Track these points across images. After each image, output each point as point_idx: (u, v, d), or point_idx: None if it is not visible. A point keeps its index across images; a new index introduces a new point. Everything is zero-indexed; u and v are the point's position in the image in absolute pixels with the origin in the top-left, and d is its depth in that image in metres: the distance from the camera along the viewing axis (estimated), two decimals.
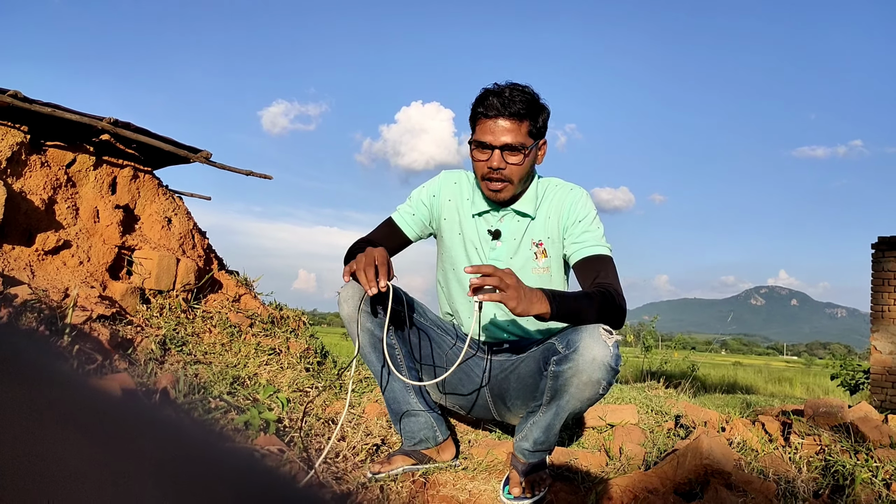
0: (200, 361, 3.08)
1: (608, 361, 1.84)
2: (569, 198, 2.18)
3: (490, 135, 2.02)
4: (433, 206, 2.28)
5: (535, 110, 2.05)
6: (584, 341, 1.84)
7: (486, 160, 2.05)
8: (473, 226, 2.22)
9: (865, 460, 2.27)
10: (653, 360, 12.91)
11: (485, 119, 2.04)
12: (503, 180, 2.07)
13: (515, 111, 2.01)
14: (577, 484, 2.17)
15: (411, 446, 2.22)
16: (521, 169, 2.07)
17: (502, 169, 2.04)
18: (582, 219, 2.14)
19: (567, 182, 2.25)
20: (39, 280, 3.06)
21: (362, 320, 2.10)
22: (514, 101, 2.01)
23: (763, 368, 28.13)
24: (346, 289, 2.11)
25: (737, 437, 2.50)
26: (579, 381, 1.86)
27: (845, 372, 11.77)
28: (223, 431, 0.71)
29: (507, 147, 2.02)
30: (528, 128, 2.04)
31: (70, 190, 3.52)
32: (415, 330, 2.25)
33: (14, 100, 3.13)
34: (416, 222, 2.29)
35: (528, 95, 2.04)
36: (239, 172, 4.43)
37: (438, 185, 2.30)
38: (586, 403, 1.94)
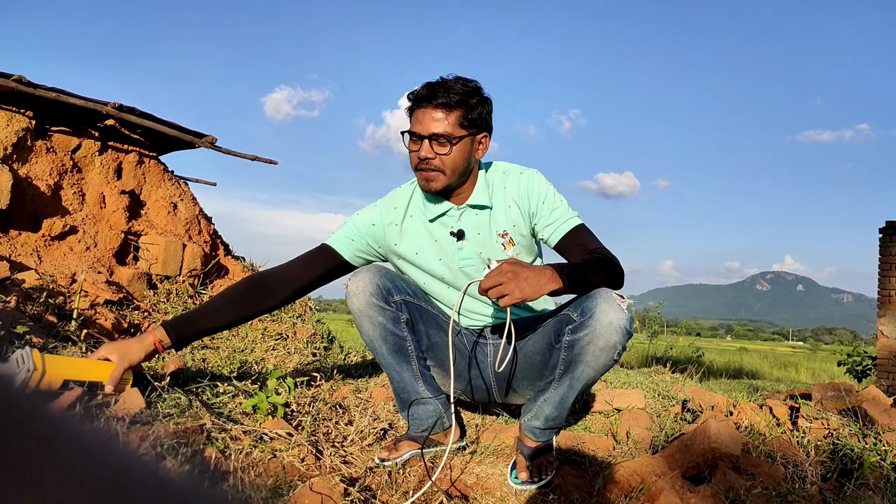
0: (208, 346, 3.09)
1: (624, 325, 1.85)
2: (522, 181, 2.15)
3: (419, 124, 2.01)
4: (375, 235, 2.22)
5: (465, 100, 2.01)
6: (601, 306, 1.85)
7: (416, 150, 2.04)
8: (430, 235, 2.17)
9: (874, 444, 2.26)
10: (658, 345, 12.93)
11: (416, 109, 2.03)
12: (433, 170, 2.03)
13: (444, 101, 1.98)
14: (585, 468, 2.17)
15: (418, 432, 2.23)
16: (453, 159, 2.03)
17: (431, 159, 2.01)
18: (544, 199, 2.12)
19: (514, 165, 2.22)
20: (46, 265, 3.06)
21: (373, 314, 2.09)
22: (445, 90, 1.98)
23: (769, 354, 28.13)
24: (354, 282, 2.11)
25: (744, 421, 2.50)
26: (596, 347, 1.87)
27: (852, 359, 11.75)
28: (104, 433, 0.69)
29: (434, 137, 2.00)
30: (458, 118, 2.00)
31: (76, 175, 3.52)
32: (423, 318, 2.25)
33: (19, 84, 3.12)
34: (354, 247, 2.22)
35: (464, 86, 2.01)
36: (244, 157, 4.42)
37: (377, 213, 2.24)
38: (601, 371, 1.95)
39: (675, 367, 5.38)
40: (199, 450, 1.78)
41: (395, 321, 2.12)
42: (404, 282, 2.21)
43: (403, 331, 2.15)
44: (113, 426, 1.72)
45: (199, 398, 2.13)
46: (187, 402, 2.03)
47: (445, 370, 2.32)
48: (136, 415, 1.84)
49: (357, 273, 2.14)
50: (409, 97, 2.06)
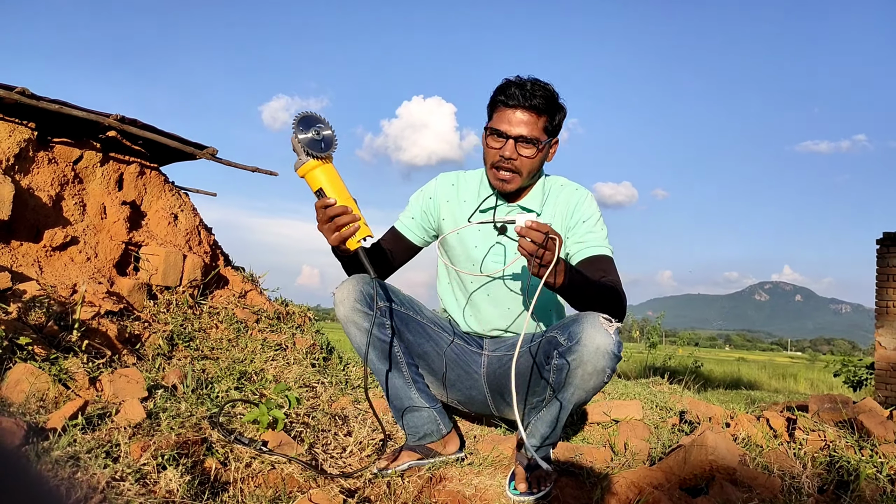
0: (208, 357, 3.10)
1: (611, 349, 1.85)
2: (574, 197, 2.20)
3: (507, 124, 2.03)
4: (430, 209, 2.30)
5: (554, 107, 2.07)
6: (587, 331, 1.85)
7: (498, 148, 2.06)
8: (476, 222, 2.23)
9: (870, 456, 2.27)
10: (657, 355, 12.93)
11: (504, 108, 2.05)
12: (512, 171, 2.08)
13: (535, 104, 2.01)
14: (583, 479, 2.18)
15: (416, 441, 2.24)
16: (532, 163, 2.08)
17: (514, 159, 2.05)
18: (586, 219, 2.16)
19: (572, 182, 2.27)
20: (47, 276, 3.08)
21: (358, 320, 2.11)
22: (535, 94, 2.01)
23: (767, 364, 28.11)
24: (341, 289, 2.13)
25: (741, 432, 2.51)
26: (584, 371, 1.88)
27: (847, 369, 11.74)
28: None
29: (522, 138, 2.03)
30: (544, 123, 2.05)
31: (77, 186, 3.54)
32: (411, 327, 2.26)
33: (22, 97, 3.14)
34: (417, 226, 2.31)
35: (549, 92, 2.05)
36: (245, 169, 4.44)
37: (434, 188, 2.31)
38: (591, 393, 1.96)
39: (673, 377, 5.39)
40: (199, 461, 1.80)
41: (380, 326, 2.15)
42: (392, 292, 2.24)
43: (389, 335, 2.17)
44: (114, 437, 1.74)
45: (200, 409, 2.14)
46: (188, 413, 2.04)
47: (438, 380, 2.33)
48: (138, 425, 1.85)
49: (344, 281, 2.16)
50: (499, 95, 2.07)
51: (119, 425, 1.83)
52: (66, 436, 1.69)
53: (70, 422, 1.78)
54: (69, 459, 1.59)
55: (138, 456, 1.67)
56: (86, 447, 1.65)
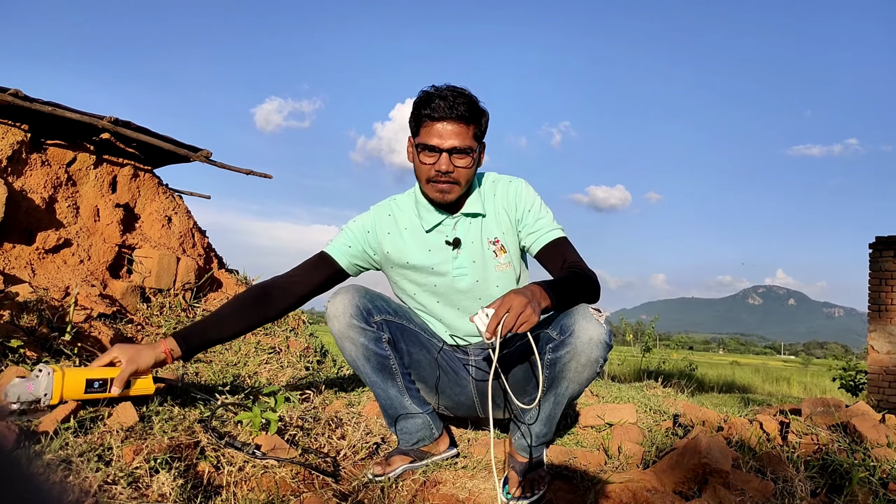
0: (201, 360, 3.09)
1: (604, 339, 1.87)
2: (511, 190, 2.19)
3: (437, 137, 2.00)
4: (370, 241, 2.24)
5: (478, 113, 2.05)
6: (579, 323, 1.87)
7: (432, 163, 2.03)
8: (425, 245, 2.19)
9: (863, 459, 2.28)
10: (651, 359, 12.95)
11: (431, 122, 2.01)
12: (451, 182, 2.06)
13: (461, 114, 1.99)
14: (576, 483, 2.18)
15: (409, 445, 2.24)
16: (469, 172, 2.07)
17: (450, 172, 2.03)
18: (530, 207, 2.17)
19: (502, 175, 2.26)
20: (40, 279, 3.07)
21: (354, 336, 2.10)
22: (463, 103, 1.99)
23: (760, 368, 28.18)
24: (333, 304, 2.11)
25: (735, 435, 2.52)
26: (578, 363, 1.89)
27: (847, 374, 11.76)
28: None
29: (455, 150, 2.01)
30: (473, 131, 2.04)
31: (70, 189, 3.53)
32: (406, 336, 2.25)
33: (15, 98, 3.13)
34: (352, 254, 2.24)
35: (471, 98, 2.03)
36: (239, 171, 4.43)
37: (372, 220, 2.26)
38: (584, 385, 1.97)
39: (668, 381, 5.40)
40: (192, 464, 1.79)
41: (376, 341, 2.12)
42: (384, 301, 2.22)
43: (386, 350, 2.15)
44: (106, 440, 1.73)
45: (192, 412, 2.13)
46: (181, 416, 2.03)
47: (429, 387, 2.33)
48: (130, 429, 1.84)
49: (336, 294, 2.13)
50: (422, 109, 2.03)
51: (111, 429, 1.83)
52: (58, 439, 1.68)
53: (62, 425, 1.77)
54: (61, 463, 1.58)
55: (131, 459, 1.66)
56: (78, 450, 1.64)
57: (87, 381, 1.89)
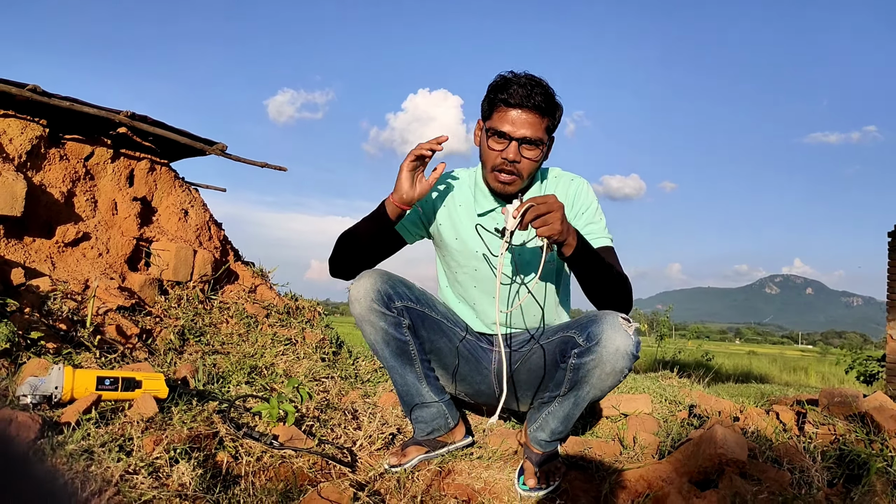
0: (218, 351, 3.12)
1: (630, 350, 1.85)
2: (571, 189, 2.16)
3: (510, 125, 1.95)
4: (426, 210, 2.22)
5: (554, 106, 2.00)
6: (606, 332, 1.84)
7: (500, 150, 1.98)
8: (474, 228, 2.17)
9: (881, 450, 2.27)
10: (666, 349, 12.90)
11: (506, 108, 1.96)
12: (514, 174, 2.01)
13: (538, 104, 1.94)
14: (592, 473, 2.19)
15: (424, 436, 2.24)
16: (534, 165, 2.02)
17: (517, 162, 1.98)
18: (585, 210, 2.13)
19: (566, 172, 2.22)
20: (60, 272, 3.11)
21: (374, 320, 2.09)
22: (537, 93, 1.94)
23: (778, 357, 27.98)
24: (356, 287, 2.10)
25: (751, 426, 2.51)
26: (602, 371, 1.87)
27: (859, 363, 11.66)
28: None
29: (526, 140, 1.96)
30: (547, 123, 1.99)
31: (88, 182, 3.56)
32: (426, 324, 2.25)
33: (33, 94, 3.17)
34: (410, 222, 2.23)
35: (549, 90, 1.98)
36: (254, 164, 4.46)
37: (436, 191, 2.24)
38: (606, 391, 1.96)
39: (683, 371, 5.38)
40: (211, 454, 1.81)
41: (396, 326, 2.11)
42: (407, 287, 2.21)
43: (406, 335, 2.14)
44: (127, 431, 1.76)
45: (211, 404, 2.16)
46: (200, 407, 2.06)
47: (450, 374, 2.33)
48: (150, 420, 1.87)
49: (359, 278, 2.12)
50: (499, 93, 1.97)
51: (132, 419, 1.86)
52: (80, 430, 1.71)
53: (84, 416, 1.80)
54: (83, 453, 1.61)
55: (151, 450, 1.68)
56: (99, 441, 1.67)
57: (98, 379, 1.93)
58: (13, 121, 3.25)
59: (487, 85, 2.05)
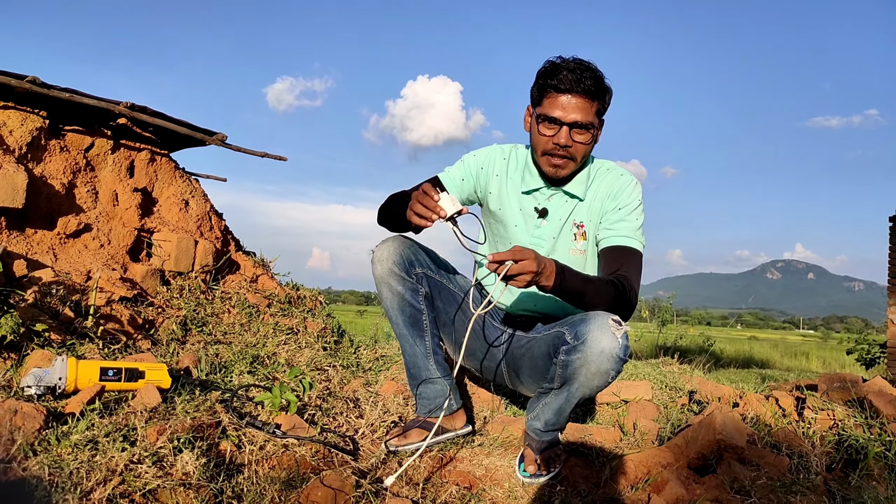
0: (220, 341, 3.14)
1: (617, 353, 1.83)
2: (617, 183, 2.14)
3: (560, 110, 1.98)
4: (480, 178, 2.26)
5: (603, 90, 2.01)
6: (593, 333, 1.83)
7: (552, 136, 2.01)
8: (518, 203, 2.20)
9: (879, 435, 2.28)
10: (668, 335, 12.92)
11: (556, 93, 1.98)
12: (567, 157, 2.04)
13: (588, 88, 1.96)
14: (592, 459, 2.21)
15: (426, 414, 2.26)
16: (586, 148, 2.04)
17: (569, 147, 2.01)
18: (623, 206, 2.11)
19: (619, 167, 2.22)
20: (62, 263, 3.12)
21: (393, 283, 2.14)
22: (586, 77, 1.96)
23: (779, 343, 28.02)
24: (380, 248, 2.15)
25: (750, 412, 2.53)
26: (588, 371, 1.87)
27: (861, 347, 11.69)
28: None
29: (577, 125, 1.98)
30: (597, 107, 2.01)
31: (89, 174, 3.57)
32: (443, 295, 2.28)
33: (33, 85, 3.16)
34: (463, 187, 2.26)
35: (598, 74, 1.99)
36: (254, 154, 4.46)
37: (489, 157, 2.26)
38: (595, 390, 1.96)
39: (684, 356, 5.40)
40: (214, 443, 1.83)
41: (413, 292, 2.17)
42: (429, 256, 2.25)
43: (421, 303, 2.19)
44: (131, 421, 1.77)
45: (214, 393, 2.17)
46: (203, 397, 2.08)
47: (458, 347, 2.35)
48: (154, 410, 1.89)
49: (385, 240, 2.17)
50: (548, 79, 1.99)
51: (135, 409, 1.87)
52: (84, 420, 1.73)
53: (88, 406, 1.82)
54: (88, 443, 1.63)
55: (155, 439, 1.70)
56: (103, 431, 1.69)
57: (102, 370, 1.95)
58: (13, 112, 3.25)
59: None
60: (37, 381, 1.88)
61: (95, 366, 1.95)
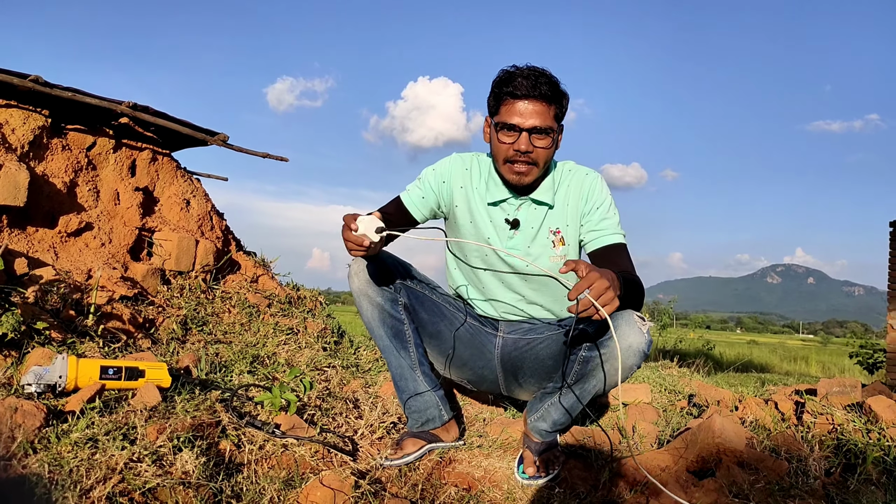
0: (221, 341, 3.14)
1: (643, 348, 1.86)
2: (585, 183, 2.16)
3: (518, 116, 1.98)
4: (442, 192, 2.24)
5: (560, 94, 2.02)
6: (621, 328, 1.85)
7: (511, 143, 2.01)
8: (487, 215, 2.19)
9: (878, 439, 2.28)
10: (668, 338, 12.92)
11: (513, 100, 1.99)
12: (529, 163, 2.03)
13: (544, 93, 1.97)
14: (591, 461, 2.21)
15: (419, 427, 2.24)
16: (548, 153, 2.04)
17: (530, 152, 2.01)
18: (599, 205, 2.13)
19: (580, 166, 2.23)
20: (63, 261, 3.12)
21: (372, 294, 2.12)
22: (542, 83, 1.96)
23: (778, 347, 28.01)
24: (357, 261, 2.11)
25: (749, 416, 2.53)
26: (611, 367, 1.89)
27: (864, 351, 11.69)
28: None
29: (536, 130, 1.99)
30: (555, 111, 2.01)
31: (91, 173, 3.57)
32: (426, 306, 2.26)
33: (35, 84, 3.17)
34: (425, 205, 2.24)
35: (553, 79, 2.00)
36: (256, 155, 4.46)
37: (449, 170, 2.24)
38: (612, 387, 1.98)
39: (684, 360, 5.40)
40: (214, 443, 1.83)
41: (392, 302, 2.14)
42: (405, 268, 2.24)
43: (401, 313, 2.16)
44: (131, 420, 1.78)
45: (214, 393, 2.18)
46: (203, 396, 2.08)
47: (446, 359, 2.34)
48: (154, 408, 1.89)
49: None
50: (504, 87, 2.00)
51: (135, 408, 1.87)
52: (84, 418, 1.73)
53: (88, 405, 1.82)
54: (88, 441, 1.63)
55: (155, 438, 1.70)
56: (104, 429, 1.69)
57: (102, 368, 1.95)
58: (15, 111, 3.26)
59: (491, 81, 2.07)
60: (37, 378, 1.89)
61: (96, 364, 1.95)
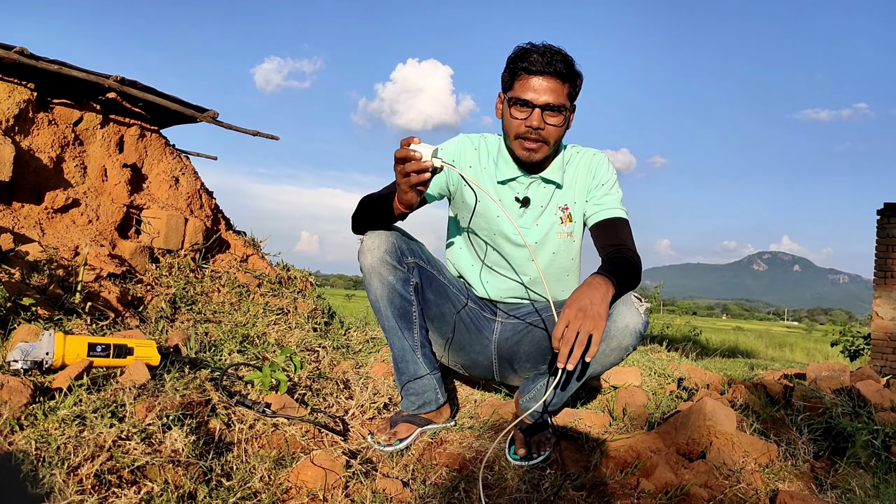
0: (210, 320, 3.12)
1: (639, 328, 1.88)
2: (593, 162, 2.19)
3: (532, 92, 1.97)
4: (451, 172, 2.19)
5: (574, 73, 2.01)
6: (618, 308, 1.86)
7: (524, 118, 2.00)
8: (497, 194, 2.17)
9: (866, 423, 2.30)
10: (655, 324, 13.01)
11: (527, 75, 1.97)
12: (540, 140, 2.02)
13: (559, 70, 1.96)
14: (582, 443, 2.21)
15: (414, 410, 2.23)
16: (559, 131, 2.03)
17: (541, 129, 2.00)
18: (604, 182, 2.16)
19: (587, 147, 2.25)
20: (49, 238, 3.08)
21: (384, 272, 2.07)
22: (557, 60, 1.95)
23: (764, 333, 28.29)
24: (370, 238, 2.07)
25: (739, 399, 2.54)
26: (608, 347, 1.89)
27: (846, 339, 11.84)
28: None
29: (549, 107, 1.97)
30: (568, 89, 2.00)
31: (78, 148, 3.52)
32: (434, 286, 2.24)
33: (21, 56, 3.11)
34: (435, 184, 2.20)
35: (568, 58, 1.99)
36: (246, 132, 4.41)
37: (458, 149, 2.22)
38: (607, 368, 1.99)
39: (671, 345, 5.43)
40: (203, 421, 1.82)
41: (404, 282, 2.10)
42: (420, 247, 2.21)
43: (411, 294, 2.13)
44: (119, 397, 1.75)
45: (203, 371, 2.16)
46: (192, 375, 2.06)
47: (449, 342, 2.33)
48: (143, 386, 1.87)
49: (373, 231, 2.09)
50: (519, 62, 1.98)
51: (124, 386, 1.85)
52: (71, 395, 1.71)
53: (76, 382, 1.80)
54: (75, 418, 1.61)
55: (143, 416, 1.68)
56: (91, 407, 1.67)
57: (90, 345, 1.93)
58: (0, 84, 3.20)
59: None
60: (23, 355, 1.86)
61: (83, 341, 1.93)
